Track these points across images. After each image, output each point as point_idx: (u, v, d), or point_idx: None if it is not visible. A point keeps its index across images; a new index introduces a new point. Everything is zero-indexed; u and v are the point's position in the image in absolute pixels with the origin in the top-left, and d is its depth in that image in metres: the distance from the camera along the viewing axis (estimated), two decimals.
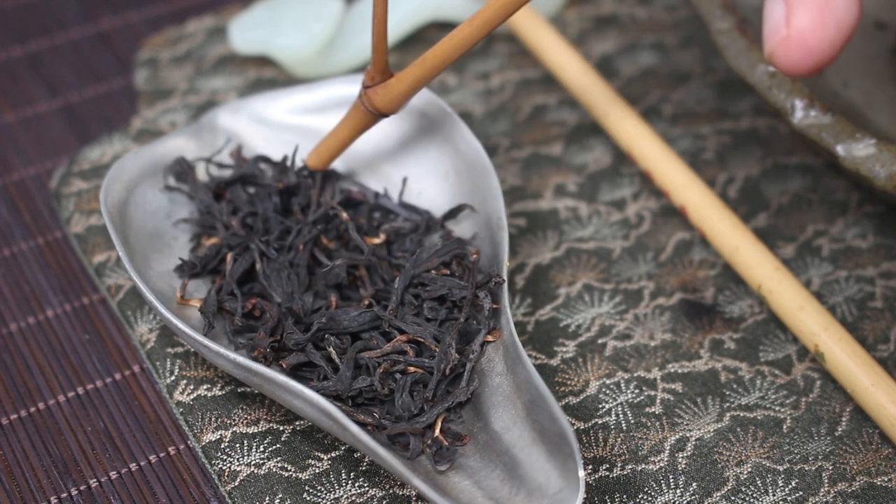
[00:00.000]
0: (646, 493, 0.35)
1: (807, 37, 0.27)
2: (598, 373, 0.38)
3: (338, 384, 0.35)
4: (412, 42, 0.49)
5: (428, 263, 0.37)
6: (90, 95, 0.48)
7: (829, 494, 0.35)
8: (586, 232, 0.42)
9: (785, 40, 0.27)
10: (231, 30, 0.48)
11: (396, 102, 0.35)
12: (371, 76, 0.35)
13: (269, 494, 0.35)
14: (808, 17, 0.27)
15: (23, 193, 0.44)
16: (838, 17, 0.27)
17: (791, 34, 0.27)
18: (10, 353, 0.39)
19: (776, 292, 0.39)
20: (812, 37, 0.27)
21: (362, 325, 0.36)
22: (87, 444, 0.37)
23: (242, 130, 0.42)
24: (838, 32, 0.27)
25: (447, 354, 0.35)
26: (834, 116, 0.36)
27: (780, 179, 0.44)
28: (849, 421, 0.37)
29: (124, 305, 0.40)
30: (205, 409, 0.37)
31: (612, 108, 0.44)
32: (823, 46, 0.27)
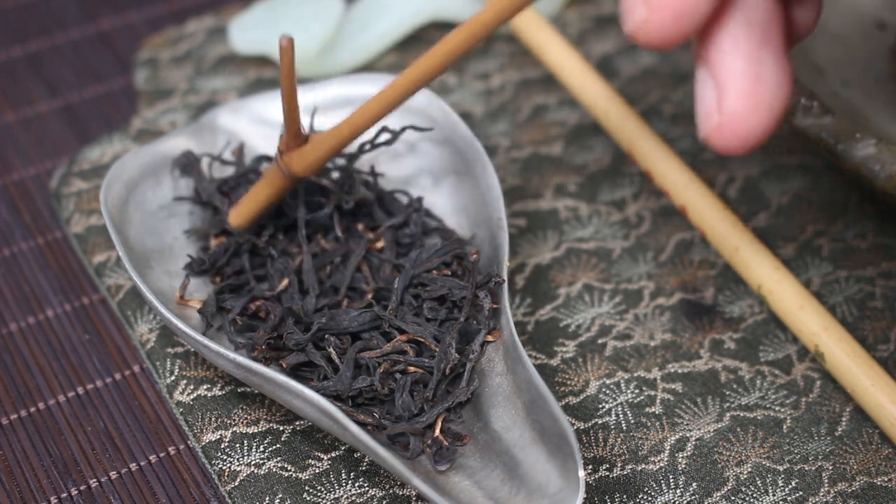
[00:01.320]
0: (646, 493, 0.35)
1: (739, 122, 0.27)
2: (598, 373, 0.38)
3: (338, 384, 0.35)
4: (412, 42, 0.49)
5: (428, 263, 0.37)
6: (90, 95, 0.48)
7: (829, 494, 0.35)
8: (586, 232, 0.42)
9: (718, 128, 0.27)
10: (231, 30, 0.48)
11: (312, 167, 0.36)
12: (286, 142, 0.35)
13: (269, 494, 0.35)
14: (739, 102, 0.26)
15: (23, 193, 0.44)
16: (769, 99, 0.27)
17: (723, 121, 0.27)
18: (10, 353, 0.39)
19: (776, 292, 0.39)
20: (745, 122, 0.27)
21: (362, 325, 0.36)
22: (87, 444, 0.37)
23: (242, 130, 0.42)
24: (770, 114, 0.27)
25: (447, 354, 0.35)
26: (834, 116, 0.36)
27: (780, 179, 0.44)
28: (849, 421, 0.37)
29: (124, 305, 0.40)
30: (205, 409, 0.37)
31: (612, 108, 0.44)
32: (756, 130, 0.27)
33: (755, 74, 0.26)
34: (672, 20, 0.26)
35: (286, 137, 0.35)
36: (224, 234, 0.39)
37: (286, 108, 0.34)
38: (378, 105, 0.33)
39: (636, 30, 0.26)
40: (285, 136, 0.35)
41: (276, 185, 0.36)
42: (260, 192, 0.37)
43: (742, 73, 0.26)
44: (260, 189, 0.37)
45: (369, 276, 0.38)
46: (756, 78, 0.26)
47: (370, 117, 0.33)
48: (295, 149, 0.35)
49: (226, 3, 0.52)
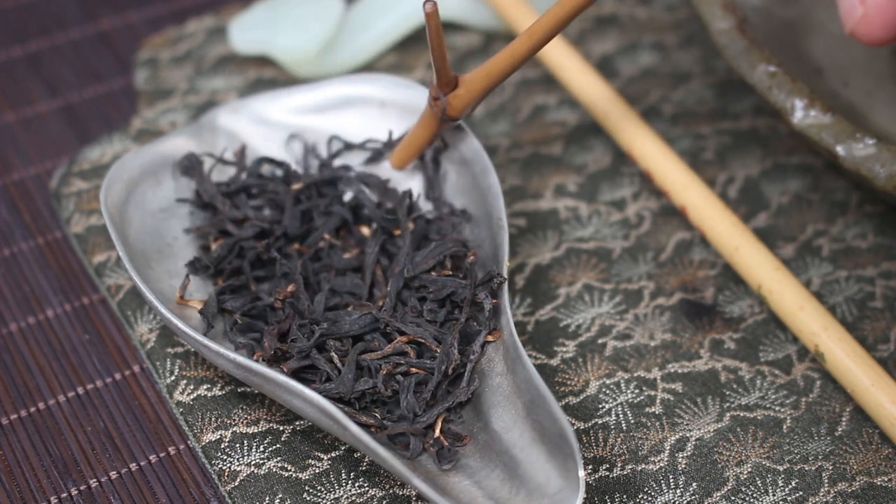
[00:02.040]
0: (646, 493, 0.35)
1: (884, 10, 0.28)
2: (598, 373, 0.38)
3: (340, 386, 0.35)
4: (412, 42, 0.49)
5: (423, 265, 0.37)
6: (90, 95, 0.48)
7: (829, 494, 0.35)
8: (586, 232, 0.42)
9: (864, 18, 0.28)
10: (231, 30, 0.48)
11: (468, 108, 0.38)
12: (440, 87, 0.37)
13: (269, 494, 0.35)
14: None
15: (23, 193, 0.44)
16: None
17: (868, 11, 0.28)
18: (10, 353, 0.39)
19: (776, 292, 0.39)
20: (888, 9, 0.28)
21: (363, 328, 0.36)
22: (87, 444, 0.37)
23: (242, 130, 0.42)
24: None
25: (449, 355, 0.35)
26: (834, 116, 0.36)
27: (780, 179, 0.44)
28: (849, 421, 0.37)
29: (124, 305, 0.40)
30: (205, 409, 0.37)
31: (612, 108, 0.44)
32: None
33: None
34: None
35: (438, 83, 0.37)
36: (224, 235, 0.39)
37: (436, 56, 0.36)
38: (524, 45, 0.34)
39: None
40: (436, 83, 0.37)
41: (432, 128, 0.38)
42: (417, 136, 0.39)
43: None
44: (417, 133, 0.39)
45: (382, 279, 0.38)
46: None
47: (518, 58, 0.35)
48: (449, 93, 0.37)
49: (226, 3, 0.52)
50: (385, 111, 0.41)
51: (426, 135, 0.39)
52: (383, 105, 0.41)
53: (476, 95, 0.37)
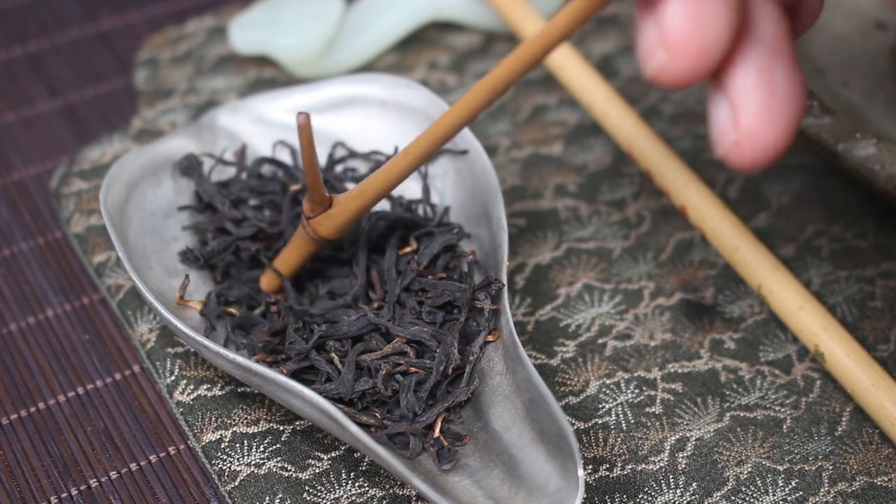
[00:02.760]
0: (646, 493, 0.35)
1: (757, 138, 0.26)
2: (598, 373, 0.38)
3: (340, 387, 0.35)
4: (412, 42, 0.49)
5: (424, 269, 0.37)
6: (90, 95, 0.48)
7: (829, 494, 0.35)
8: (586, 232, 0.42)
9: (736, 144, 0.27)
10: (231, 30, 0.48)
11: (340, 230, 0.36)
12: (311, 208, 0.36)
13: (269, 494, 0.35)
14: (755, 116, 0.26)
15: (23, 193, 0.44)
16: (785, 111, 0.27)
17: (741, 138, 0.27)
18: (10, 353, 0.39)
19: (776, 292, 0.39)
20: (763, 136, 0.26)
21: (362, 329, 0.36)
22: (87, 444, 0.37)
23: (242, 130, 0.42)
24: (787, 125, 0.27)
25: (449, 355, 0.35)
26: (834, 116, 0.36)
27: (780, 179, 0.44)
28: (849, 421, 0.37)
29: (124, 305, 0.40)
30: (205, 409, 0.37)
31: (612, 108, 0.44)
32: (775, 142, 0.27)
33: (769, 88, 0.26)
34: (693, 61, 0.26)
35: (311, 203, 0.36)
36: (222, 233, 0.39)
37: (308, 176, 0.35)
38: (401, 164, 0.33)
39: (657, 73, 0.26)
40: (309, 202, 0.36)
41: (306, 248, 0.37)
42: (291, 257, 0.38)
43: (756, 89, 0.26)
44: (290, 254, 0.37)
45: (377, 282, 0.38)
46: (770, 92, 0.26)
47: (395, 177, 0.34)
48: (321, 213, 0.36)
49: (226, 3, 0.52)
50: (385, 111, 0.41)
51: (301, 255, 0.37)
52: (383, 105, 0.41)
53: (348, 217, 0.35)
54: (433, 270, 0.37)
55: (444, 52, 0.49)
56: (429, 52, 0.49)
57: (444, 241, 0.37)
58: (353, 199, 0.35)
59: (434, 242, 0.37)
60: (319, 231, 0.36)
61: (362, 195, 0.35)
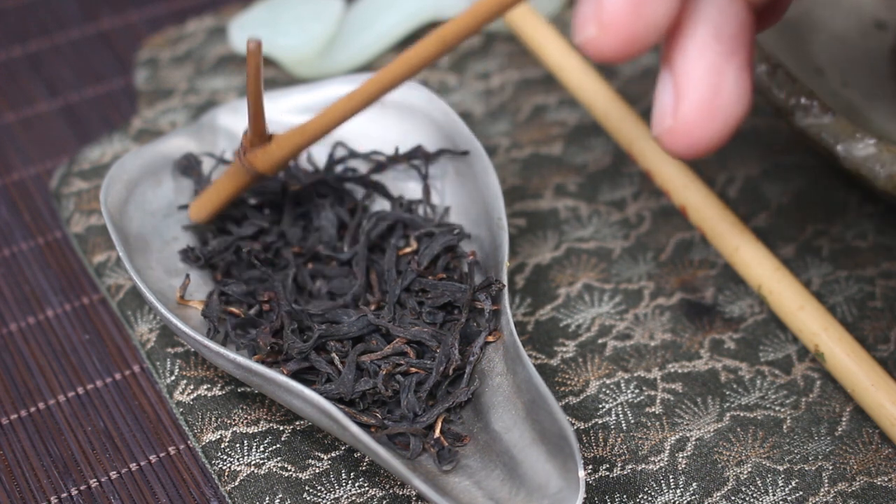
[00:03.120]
0: (646, 493, 0.35)
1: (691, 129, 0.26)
2: (598, 373, 0.38)
3: (340, 387, 0.35)
4: (412, 42, 0.49)
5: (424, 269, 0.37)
6: (90, 95, 0.48)
7: (829, 494, 0.35)
8: (586, 232, 0.42)
9: (670, 130, 0.27)
10: (231, 30, 0.48)
11: (276, 166, 0.36)
12: (250, 140, 0.35)
13: (269, 494, 0.35)
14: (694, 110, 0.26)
15: (23, 193, 0.44)
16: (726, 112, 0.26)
17: (676, 126, 0.27)
18: (10, 353, 0.39)
19: (776, 292, 0.39)
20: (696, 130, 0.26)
21: (362, 330, 0.36)
22: (87, 444, 0.37)
23: (242, 130, 0.42)
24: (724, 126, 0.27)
25: (449, 355, 0.35)
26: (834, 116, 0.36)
27: (780, 179, 0.44)
28: (849, 421, 0.37)
29: (124, 305, 0.40)
30: (205, 409, 0.37)
31: (612, 108, 0.44)
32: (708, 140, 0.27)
33: (715, 85, 0.26)
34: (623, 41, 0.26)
35: (250, 135, 0.35)
36: (221, 232, 0.39)
37: (251, 105, 0.34)
38: (346, 105, 0.33)
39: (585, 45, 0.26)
40: (249, 134, 0.35)
41: (239, 181, 0.37)
42: (222, 189, 0.37)
43: (702, 82, 0.26)
44: (221, 185, 0.37)
45: (376, 283, 0.38)
46: (715, 89, 0.26)
47: (337, 117, 0.33)
48: (259, 147, 0.35)
49: (226, 3, 0.52)
50: (385, 111, 0.41)
51: (233, 188, 0.37)
52: (383, 105, 0.41)
53: (286, 153, 0.35)
54: (433, 271, 0.37)
55: None
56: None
57: (445, 242, 0.37)
58: (293, 135, 0.35)
59: (435, 243, 0.37)
60: (256, 164, 0.36)
61: (303, 132, 0.34)
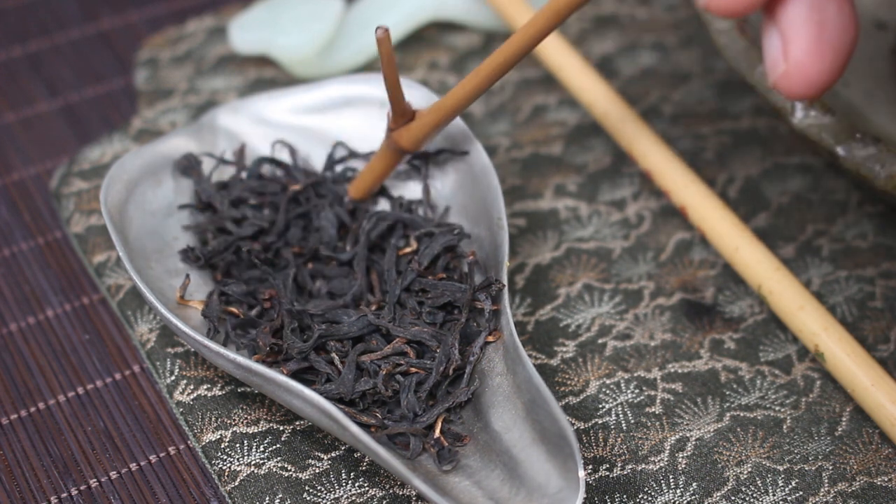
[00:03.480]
0: (646, 493, 0.35)
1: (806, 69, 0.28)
2: (598, 373, 0.38)
3: (340, 387, 0.35)
4: (412, 42, 0.49)
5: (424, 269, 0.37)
6: (90, 95, 0.48)
7: (829, 494, 0.35)
8: (586, 232, 0.42)
9: (785, 74, 0.28)
10: (231, 30, 0.48)
11: (420, 142, 0.37)
12: (395, 120, 0.37)
13: (269, 494, 0.35)
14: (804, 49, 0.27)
15: (23, 193, 0.44)
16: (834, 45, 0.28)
17: (790, 68, 0.28)
18: (10, 353, 0.39)
19: (776, 292, 0.39)
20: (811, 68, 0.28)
21: (362, 329, 0.36)
22: (87, 444, 0.37)
23: (242, 130, 0.42)
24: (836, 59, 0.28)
25: (449, 355, 0.35)
26: (834, 116, 0.36)
27: (780, 179, 0.44)
28: (849, 421, 0.37)
29: (124, 305, 0.40)
30: (205, 409, 0.37)
31: (612, 108, 0.44)
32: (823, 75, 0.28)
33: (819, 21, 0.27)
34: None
35: (392, 115, 0.37)
36: (222, 233, 0.39)
37: (390, 89, 0.36)
38: (479, 79, 0.35)
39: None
40: (392, 116, 0.37)
41: (389, 159, 0.39)
42: (374, 167, 0.39)
43: (806, 21, 0.27)
44: (374, 164, 0.39)
45: (376, 283, 0.38)
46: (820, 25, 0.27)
47: (472, 92, 0.35)
48: (403, 125, 0.37)
49: (226, 3, 0.52)
50: (385, 111, 0.41)
51: (384, 166, 0.39)
52: (383, 105, 0.41)
53: (427, 129, 0.37)
54: (434, 271, 0.37)
55: (444, 52, 0.49)
56: (429, 52, 0.49)
57: (445, 242, 0.37)
58: (431, 112, 0.37)
59: (435, 243, 0.37)
60: (400, 142, 0.37)
61: (438, 110, 0.36)
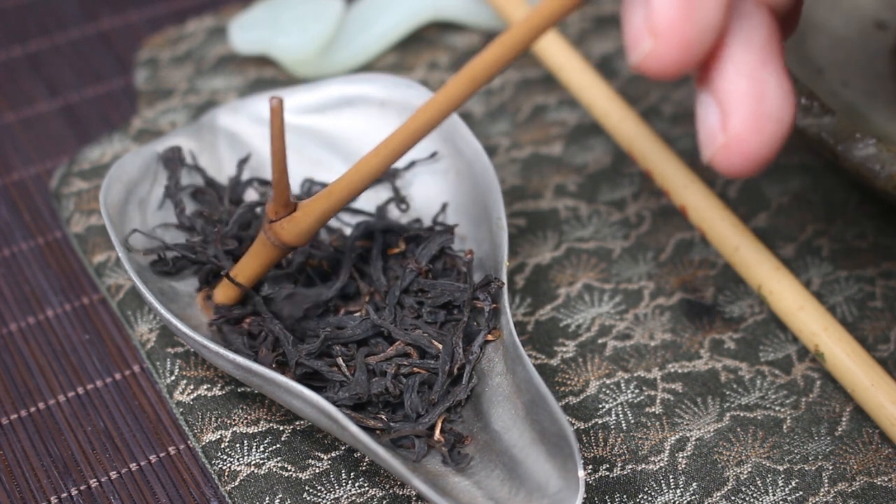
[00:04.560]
0: (646, 493, 0.35)
1: (744, 143, 0.26)
2: (598, 373, 0.38)
3: (357, 388, 0.35)
4: (412, 42, 0.49)
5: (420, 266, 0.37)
6: (90, 95, 0.48)
7: (829, 494, 0.35)
8: (586, 232, 0.42)
9: (724, 148, 0.27)
10: (231, 30, 0.48)
11: (305, 236, 0.34)
12: (274, 210, 0.33)
13: (269, 494, 0.35)
14: (744, 122, 0.26)
15: (23, 193, 0.44)
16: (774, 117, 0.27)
17: (729, 142, 0.27)
18: (10, 353, 0.39)
19: (776, 292, 0.39)
20: (750, 142, 0.26)
21: (367, 332, 0.36)
22: (87, 444, 0.37)
23: (242, 130, 0.42)
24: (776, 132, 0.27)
25: (454, 354, 0.35)
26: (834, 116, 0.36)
27: (780, 179, 0.44)
28: (849, 421, 0.37)
29: (124, 305, 0.40)
30: (205, 409, 0.37)
31: (612, 108, 0.44)
32: (762, 150, 0.27)
33: (759, 94, 0.26)
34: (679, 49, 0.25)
35: (274, 205, 0.33)
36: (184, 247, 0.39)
37: (275, 173, 0.32)
38: (372, 163, 0.31)
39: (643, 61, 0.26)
40: (273, 204, 0.33)
41: (266, 256, 0.35)
42: (248, 267, 0.35)
43: (746, 94, 0.26)
44: (247, 263, 0.35)
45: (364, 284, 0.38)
46: (760, 97, 0.26)
47: (365, 177, 0.32)
48: (285, 216, 0.33)
49: (226, 3, 0.52)
50: (385, 111, 0.41)
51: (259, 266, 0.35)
52: (383, 105, 0.41)
53: (313, 221, 0.33)
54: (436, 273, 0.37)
55: (444, 52, 0.49)
56: (429, 52, 0.49)
57: (442, 242, 0.37)
58: (319, 200, 0.33)
59: (432, 243, 0.37)
60: (282, 236, 0.34)
61: (329, 196, 0.32)
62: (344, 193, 0.32)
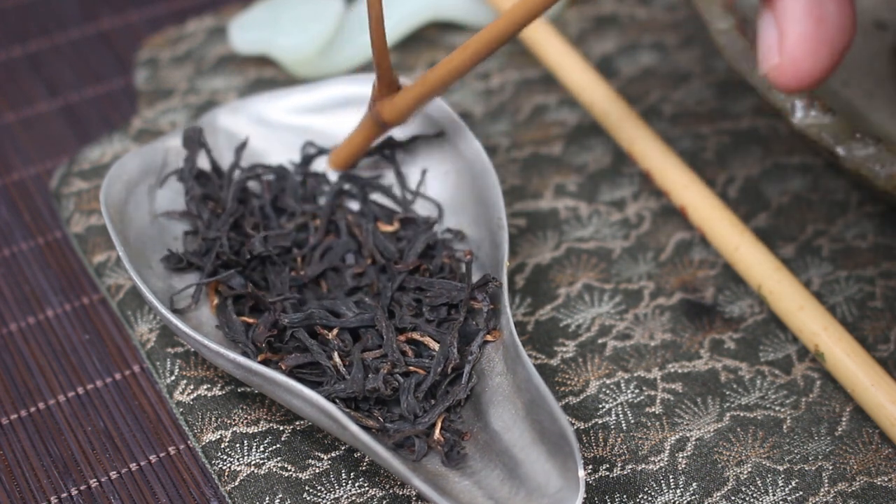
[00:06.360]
0: (646, 493, 0.35)
1: (799, 63, 0.27)
2: (598, 373, 0.38)
3: (352, 385, 0.35)
4: (412, 42, 0.49)
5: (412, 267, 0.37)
6: (90, 95, 0.48)
7: (829, 494, 0.35)
8: (586, 232, 0.42)
9: (778, 66, 0.28)
10: (231, 30, 0.48)
11: (402, 115, 0.37)
12: (379, 89, 0.37)
13: (269, 494, 0.35)
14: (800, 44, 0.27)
15: (23, 193, 0.44)
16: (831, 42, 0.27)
17: (784, 62, 0.28)
18: (10, 353, 0.39)
19: (776, 292, 0.39)
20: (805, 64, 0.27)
21: (363, 322, 0.36)
22: (87, 444, 0.37)
23: (242, 130, 0.42)
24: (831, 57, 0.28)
25: (448, 354, 0.35)
26: (834, 116, 0.36)
27: (780, 179, 0.44)
28: (849, 421, 0.37)
29: (124, 305, 0.40)
30: (205, 409, 0.37)
31: (612, 108, 0.44)
32: (816, 72, 0.28)
33: (816, 17, 0.27)
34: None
35: (378, 86, 0.36)
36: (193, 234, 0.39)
37: (377, 57, 0.35)
38: (465, 56, 0.34)
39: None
40: (377, 85, 0.36)
41: (370, 131, 0.38)
42: (354, 138, 0.39)
43: (805, 16, 0.27)
44: (355, 135, 0.39)
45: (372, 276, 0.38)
46: (817, 21, 0.27)
47: (458, 67, 0.34)
48: (387, 97, 0.37)
49: (226, 3, 0.52)
50: None
51: (364, 138, 0.39)
52: None
53: (412, 102, 0.36)
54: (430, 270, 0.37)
55: (444, 52, 0.49)
56: (429, 52, 0.49)
57: (427, 238, 0.37)
58: (416, 86, 0.36)
59: (417, 241, 0.38)
60: (383, 114, 0.37)
61: (424, 83, 0.36)
62: (437, 82, 0.35)
